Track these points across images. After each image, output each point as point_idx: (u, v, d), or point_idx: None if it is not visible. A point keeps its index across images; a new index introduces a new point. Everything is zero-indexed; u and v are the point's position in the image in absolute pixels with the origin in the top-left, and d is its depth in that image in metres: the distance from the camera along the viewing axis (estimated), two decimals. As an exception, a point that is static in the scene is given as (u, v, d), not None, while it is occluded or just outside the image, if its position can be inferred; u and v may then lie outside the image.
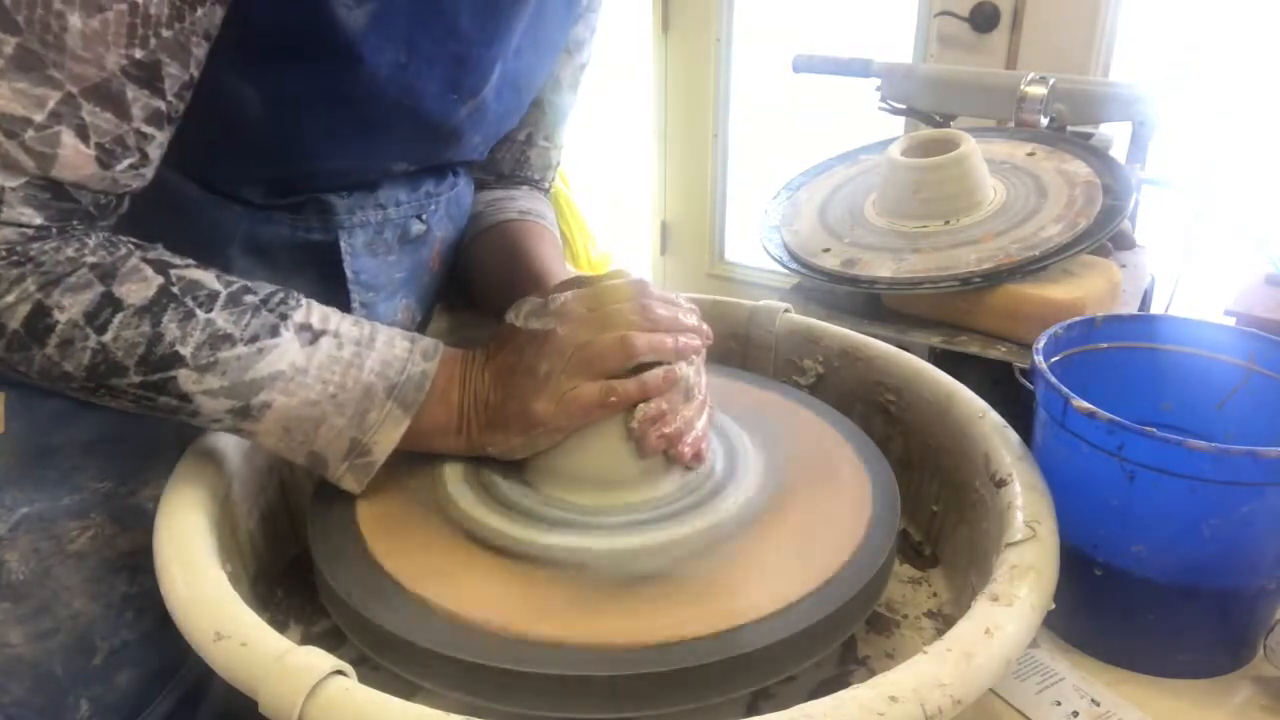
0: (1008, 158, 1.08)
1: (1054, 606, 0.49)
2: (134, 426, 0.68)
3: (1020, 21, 1.87)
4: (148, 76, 0.49)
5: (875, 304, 1.01)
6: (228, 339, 0.53)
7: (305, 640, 0.58)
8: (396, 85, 0.59)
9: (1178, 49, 1.81)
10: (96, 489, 0.65)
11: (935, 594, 0.63)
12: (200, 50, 0.51)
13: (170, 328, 0.52)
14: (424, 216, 0.73)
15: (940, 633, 0.47)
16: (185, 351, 0.52)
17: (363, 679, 0.43)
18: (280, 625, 0.60)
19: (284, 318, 0.55)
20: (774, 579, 0.52)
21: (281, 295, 0.56)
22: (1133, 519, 0.57)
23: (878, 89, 1.36)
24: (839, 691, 0.41)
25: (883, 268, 0.95)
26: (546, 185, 0.91)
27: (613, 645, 0.48)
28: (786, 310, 0.78)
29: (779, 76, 2.03)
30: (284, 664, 0.42)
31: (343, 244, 0.67)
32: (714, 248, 2.58)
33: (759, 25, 2.36)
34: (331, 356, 0.55)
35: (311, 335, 0.55)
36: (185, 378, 0.52)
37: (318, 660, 0.42)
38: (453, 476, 0.60)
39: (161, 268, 0.53)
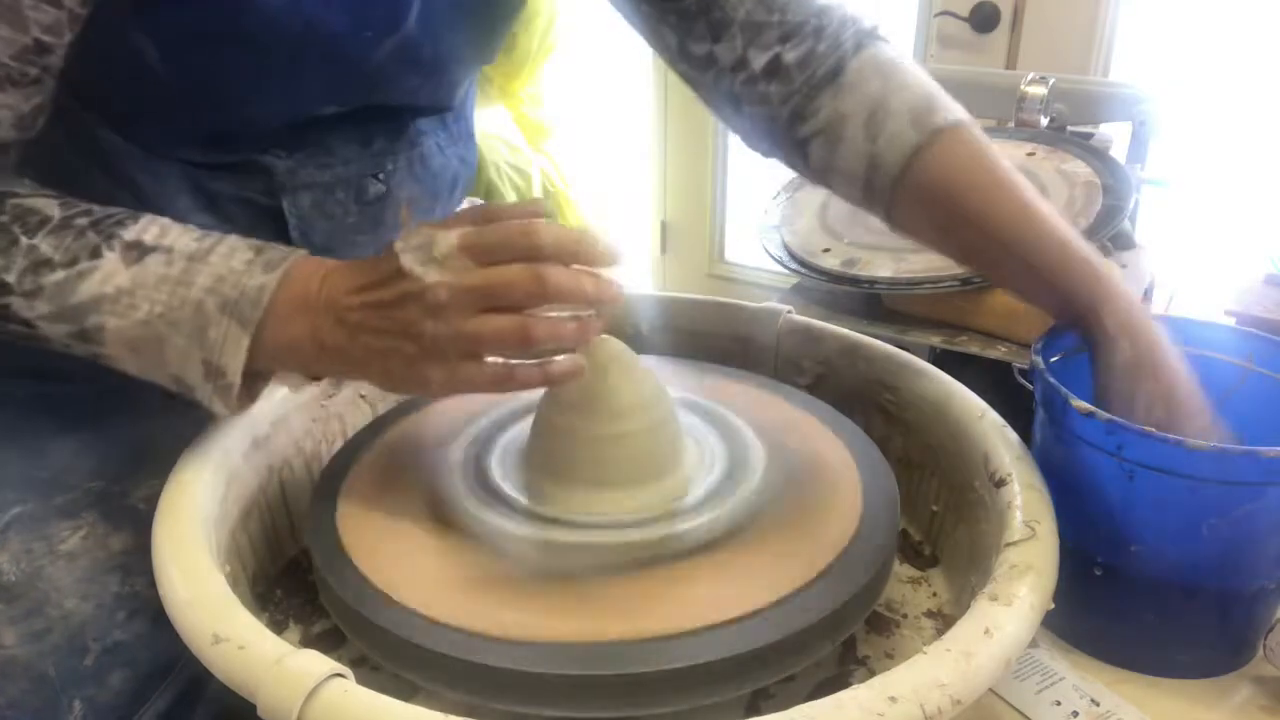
0: (1008, 158, 1.07)
1: (1053, 606, 0.49)
2: (126, 427, 0.68)
3: (1020, 21, 1.87)
4: None
5: (875, 304, 1.01)
6: (48, 263, 0.53)
7: (304, 641, 0.58)
8: (293, 22, 0.57)
9: (1178, 49, 1.81)
10: (88, 489, 0.65)
11: (935, 594, 0.63)
12: (41, 14, 0.51)
13: None
14: (381, 176, 0.70)
15: (940, 633, 0.47)
16: (10, 279, 0.52)
17: (362, 680, 0.42)
18: (279, 626, 0.60)
19: (110, 237, 0.53)
20: (771, 575, 0.52)
21: (121, 215, 0.54)
22: (1132, 519, 0.57)
23: (878, 89, 1.36)
24: (839, 691, 0.41)
25: (883, 268, 0.95)
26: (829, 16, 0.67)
27: (613, 645, 0.48)
28: (788, 311, 0.78)
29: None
30: (282, 667, 0.42)
31: (286, 205, 0.65)
32: (714, 248, 2.58)
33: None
34: (158, 275, 0.53)
35: (139, 253, 0.53)
36: (18, 304, 0.53)
37: (316, 663, 0.42)
38: (454, 476, 0.60)
39: (1, 198, 0.53)
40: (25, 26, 0.51)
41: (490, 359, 0.52)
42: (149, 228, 0.54)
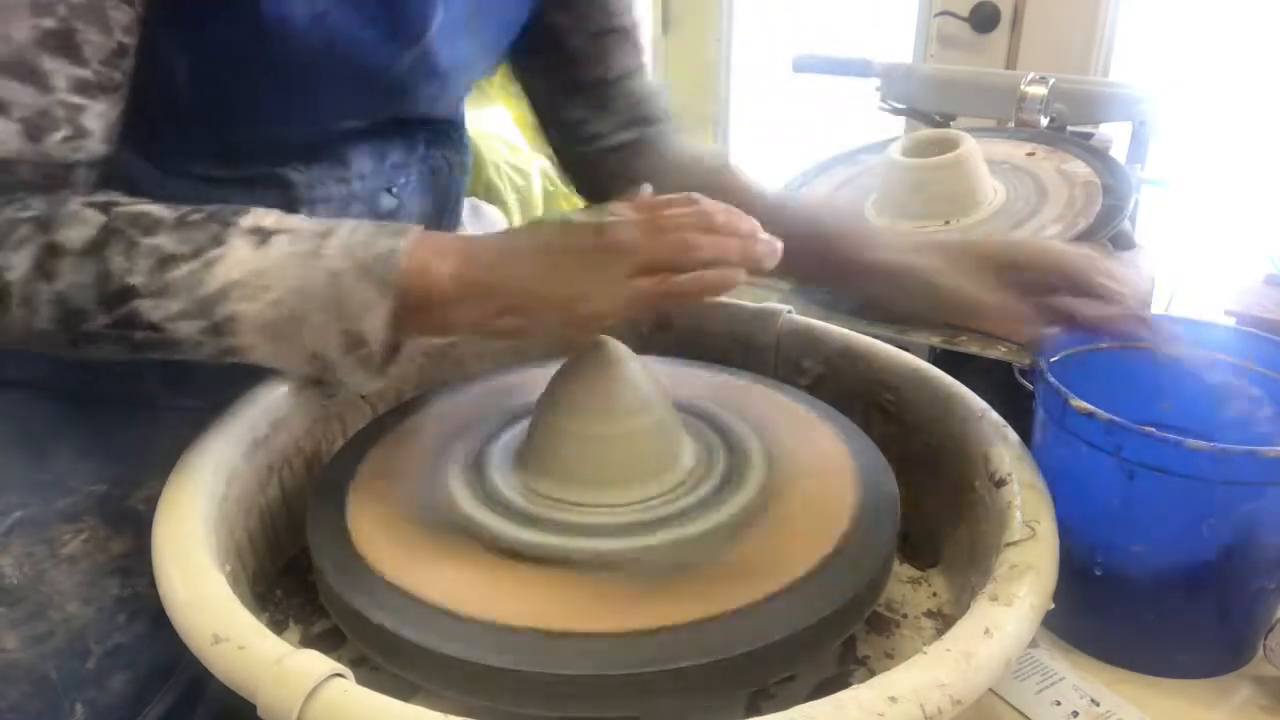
0: (1008, 158, 1.08)
1: (1054, 606, 0.49)
2: (127, 429, 0.68)
3: (1020, 21, 1.87)
4: (63, 45, 0.49)
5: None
6: (173, 259, 0.51)
7: (305, 641, 0.58)
8: (318, 38, 0.57)
9: (1178, 49, 1.81)
10: (89, 492, 0.65)
11: (935, 594, 0.63)
12: (121, 14, 0.51)
13: (117, 260, 0.51)
14: (394, 190, 0.71)
15: (940, 633, 0.47)
16: (136, 281, 0.51)
17: (362, 680, 0.42)
18: (279, 626, 0.60)
19: (229, 225, 0.53)
20: (771, 575, 0.52)
21: (235, 208, 0.54)
22: (1133, 519, 0.57)
23: (878, 89, 1.36)
24: (839, 692, 0.41)
25: (882, 268, 0.95)
26: (666, 116, 0.86)
27: (613, 645, 0.48)
28: (788, 311, 0.78)
29: (779, 76, 2.03)
30: (282, 667, 0.42)
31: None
32: (714, 248, 2.58)
33: (759, 25, 2.36)
34: (287, 253, 0.53)
35: (263, 236, 0.53)
36: (146, 307, 0.51)
37: (316, 663, 0.42)
38: (453, 476, 0.60)
39: (105, 208, 0.52)
40: (110, 29, 0.51)
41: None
42: (264, 215, 0.54)
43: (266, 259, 0.52)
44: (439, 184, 0.76)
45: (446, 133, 0.77)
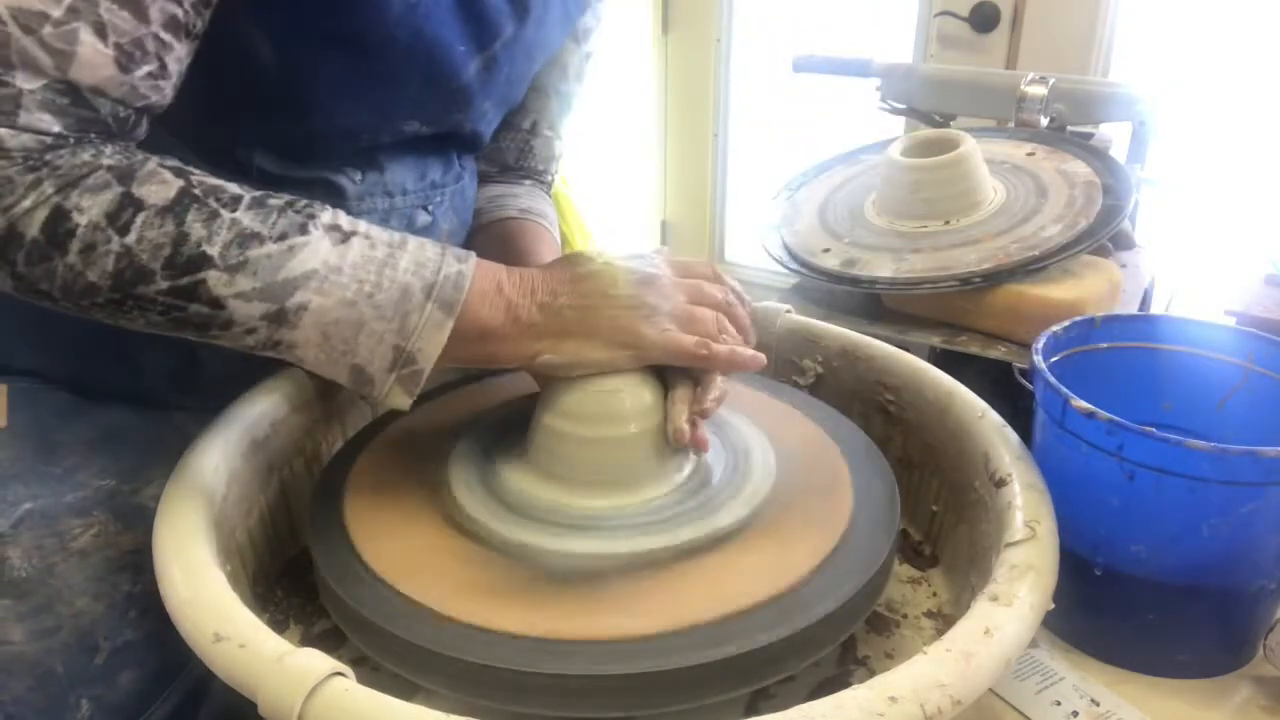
0: (1008, 158, 1.08)
1: (1054, 606, 0.49)
2: (137, 424, 0.68)
3: (1020, 21, 1.87)
4: None
5: (875, 304, 1.01)
6: (256, 237, 0.51)
7: (305, 640, 0.58)
8: (407, 26, 0.58)
9: (1178, 49, 1.81)
10: (100, 486, 0.65)
11: (935, 594, 0.63)
12: None
13: (195, 227, 0.50)
14: (430, 208, 0.73)
15: (940, 633, 0.47)
16: (213, 251, 0.50)
17: (362, 679, 0.43)
18: (280, 625, 0.60)
19: (312, 217, 0.53)
20: (771, 575, 0.52)
21: (305, 200, 0.54)
22: (1133, 519, 0.57)
23: (878, 89, 1.36)
24: (839, 692, 0.41)
25: (883, 268, 0.95)
26: (550, 179, 0.91)
27: (613, 645, 0.48)
28: (787, 311, 0.78)
29: (779, 76, 2.03)
30: (283, 665, 0.42)
31: None
32: (714, 248, 2.58)
33: (759, 25, 2.36)
34: (365, 255, 0.53)
35: (341, 235, 0.54)
36: (215, 280, 0.51)
37: (317, 662, 0.42)
38: (453, 477, 0.60)
39: (180, 173, 0.52)
40: None
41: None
42: (338, 214, 0.55)
43: (344, 257, 0.53)
44: (464, 203, 0.79)
45: (474, 156, 0.80)
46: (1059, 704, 0.58)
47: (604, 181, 2.60)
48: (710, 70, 2.39)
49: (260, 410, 0.64)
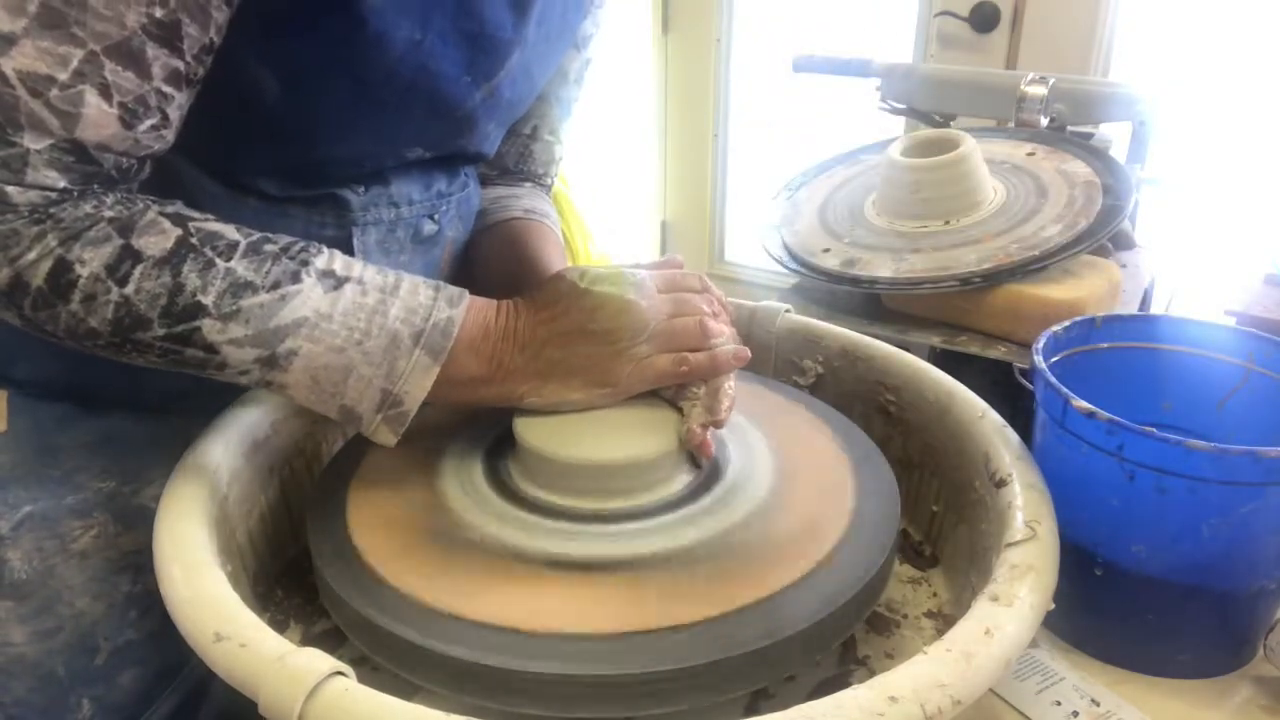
0: (1008, 158, 1.08)
1: (1054, 606, 0.49)
2: (137, 426, 0.68)
3: (1020, 21, 1.87)
4: (167, 35, 0.49)
5: (875, 304, 1.01)
6: (249, 286, 0.53)
7: (305, 640, 0.58)
8: (411, 63, 0.59)
9: (1178, 49, 1.81)
10: (99, 488, 0.65)
11: (935, 594, 0.63)
12: (220, 14, 0.52)
13: (191, 277, 0.52)
14: (436, 217, 0.73)
15: (940, 633, 0.47)
16: (207, 300, 0.52)
17: (363, 679, 0.43)
18: (280, 625, 0.60)
19: (305, 264, 0.54)
20: (772, 575, 0.52)
21: (302, 244, 0.56)
22: (1133, 519, 0.57)
23: (878, 89, 1.36)
24: (839, 691, 0.41)
25: (883, 268, 0.95)
26: (549, 181, 0.91)
27: (613, 645, 0.48)
28: (787, 311, 0.78)
29: (779, 76, 2.03)
30: (284, 665, 0.42)
31: (355, 240, 0.67)
32: (714, 248, 2.58)
33: (759, 25, 2.36)
34: (356, 303, 0.55)
35: (335, 281, 0.55)
36: (209, 327, 0.52)
37: (318, 661, 0.42)
38: (452, 477, 0.60)
39: (179, 220, 0.53)
40: (208, 25, 0.51)
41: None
42: (334, 259, 0.56)
43: (336, 305, 0.54)
44: (469, 210, 0.79)
45: (478, 165, 0.80)
46: (1059, 704, 0.58)
47: (604, 182, 2.61)
48: (710, 70, 2.39)
49: (261, 411, 0.64)
